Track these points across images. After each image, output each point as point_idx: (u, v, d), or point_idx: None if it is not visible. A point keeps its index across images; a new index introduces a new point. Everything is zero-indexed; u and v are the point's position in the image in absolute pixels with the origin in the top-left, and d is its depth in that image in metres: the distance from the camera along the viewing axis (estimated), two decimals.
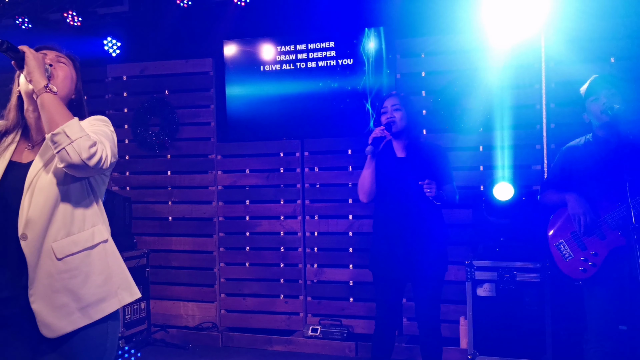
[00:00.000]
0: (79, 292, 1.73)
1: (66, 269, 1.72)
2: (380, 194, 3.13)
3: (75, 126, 1.67)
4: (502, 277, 3.58)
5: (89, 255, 1.78)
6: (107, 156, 1.74)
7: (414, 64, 4.34)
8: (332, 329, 4.34)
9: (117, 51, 4.88)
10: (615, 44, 3.86)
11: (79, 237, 1.77)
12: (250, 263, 4.73)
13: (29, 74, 1.71)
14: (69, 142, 1.64)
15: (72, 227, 1.76)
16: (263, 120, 4.63)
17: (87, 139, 1.67)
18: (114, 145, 1.83)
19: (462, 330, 3.92)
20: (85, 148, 1.65)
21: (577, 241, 2.83)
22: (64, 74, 1.87)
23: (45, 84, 1.70)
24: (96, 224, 1.84)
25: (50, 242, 1.71)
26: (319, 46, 4.47)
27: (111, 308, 1.81)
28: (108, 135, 1.82)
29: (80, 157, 1.64)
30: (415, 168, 3.03)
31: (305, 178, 4.60)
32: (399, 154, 3.16)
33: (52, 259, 1.70)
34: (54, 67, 1.84)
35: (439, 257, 3.07)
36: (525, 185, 3.99)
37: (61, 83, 1.84)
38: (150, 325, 4.58)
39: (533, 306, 3.52)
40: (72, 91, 1.90)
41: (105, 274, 1.81)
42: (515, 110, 4.06)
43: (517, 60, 4.04)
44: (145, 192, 4.97)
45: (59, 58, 1.89)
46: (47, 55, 1.86)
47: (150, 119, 4.88)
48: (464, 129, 4.15)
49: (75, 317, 1.72)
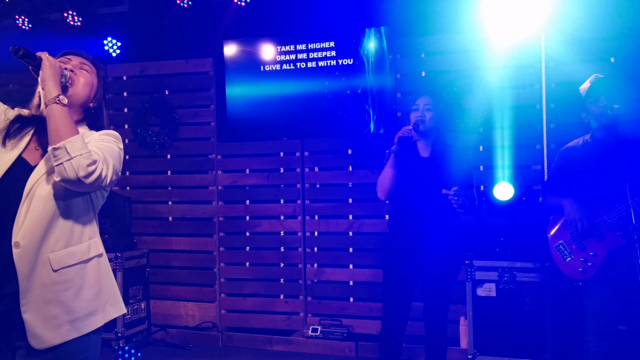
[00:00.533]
0: (71, 305, 1.72)
1: (61, 280, 1.71)
2: (400, 193, 3.09)
3: (77, 143, 1.65)
4: (502, 277, 3.58)
5: (83, 268, 1.77)
6: (107, 175, 1.73)
7: (414, 64, 4.33)
8: (332, 329, 4.34)
9: (117, 51, 4.88)
10: (615, 44, 3.85)
11: (77, 250, 1.76)
12: (250, 263, 4.73)
13: (42, 81, 1.70)
14: (68, 158, 1.63)
15: (71, 239, 1.75)
16: (263, 120, 4.63)
17: (87, 157, 1.65)
18: (118, 163, 1.82)
19: (462, 330, 3.92)
20: (83, 166, 1.64)
21: (577, 242, 2.83)
22: (85, 81, 1.86)
23: (56, 95, 1.69)
24: (93, 237, 1.83)
25: (47, 253, 1.69)
26: (319, 46, 4.47)
27: (98, 323, 1.80)
28: (114, 153, 1.81)
29: (77, 174, 1.63)
30: (438, 169, 3.01)
31: (306, 178, 4.60)
32: (423, 153, 3.13)
33: (47, 269, 1.68)
34: (75, 73, 1.84)
35: (454, 260, 3.08)
36: (526, 185, 3.99)
37: (80, 89, 1.84)
38: (150, 325, 4.58)
39: (533, 306, 3.52)
40: (90, 98, 1.89)
41: (96, 288, 1.80)
42: (516, 110, 4.06)
43: (517, 60, 4.04)
44: (146, 192, 4.97)
45: (82, 65, 1.89)
46: (70, 61, 1.87)
47: (151, 119, 4.88)
48: (464, 129, 4.15)
49: (64, 329, 1.70)
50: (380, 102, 4.34)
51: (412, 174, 3.06)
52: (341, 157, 4.51)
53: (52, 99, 1.68)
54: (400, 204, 3.13)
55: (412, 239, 3.04)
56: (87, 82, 1.86)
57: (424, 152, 3.14)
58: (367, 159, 4.35)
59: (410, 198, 3.06)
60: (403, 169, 3.06)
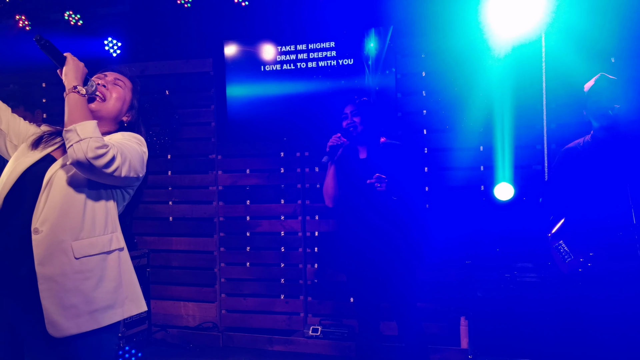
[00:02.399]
0: (90, 295, 1.74)
1: (81, 269, 1.73)
2: (343, 195, 3.23)
3: (89, 127, 1.70)
4: (503, 277, 3.58)
5: (104, 259, 1.79)
6: (122, 167, 1.75)
7: (414, 64, 4.34)
8: (333, 329, 4.34)
9: (117, 51, 4.88)
10: (616, 44, 3.85)
11: (98, 240, 1.79)
12: (250, 263, 4.73)
13: (65, 75, 1.79)
14: (77, 139, 1.66)
15: (93, 230, 1.78)
16: (263, 120, 4.62)
17: (97, 140, 1.68)
18: (138, 163, 1.85)
19: (463, 331, 3.92)
20: (92, 148, 1.66)
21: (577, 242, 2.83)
22: (117, 95, 1.95)
23: (75, 85, 1.77)
24: (115, 232, 1.86)
25: (70, 241, 1.72)
26: (319, 46, 4.47)
27: (117, 317, 1.80)
28: (134, 152, 1.84)
29: (86, 155, 1.65)
30: (375, 168, 3.10)
31: (306, 178, 4.60)
32: (362, 155, 3.27)
33: (69, 257, 1.72)
34: (108, 89, 1.94)
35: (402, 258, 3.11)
36: (526, 185, 3.98)
37: (112, 104, 1.93)
38: (150, 325, 4.58)
39: (533, 306, 3.52)
40: (123, 112, 1.98)
41: (116, 281, 1.82)
42: (516, 110, 4.06)
43: (517, 60, 4.03)
44: (146, 192, 4.96)
45: (116, 80, 1.98)
46: (106, 77, 1.96)
47: (151, 119, 4.88)
48: (464, 129, 4.15)
49: (83, 319, 1.72)
50: (381, 102, 4.33)
51: (351, 176, 3.19)
52: None
53: (71, 88, 1.76)
54: (345, 206, 3.26)
55: (360, 237, 3.14)
56: (119, 96, 1.96)
57: (362, 153, 3.28)
58: None
59: (352, 199, 3.19)
60: (345, 172, 3.21)
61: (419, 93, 4.31)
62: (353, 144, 3.26)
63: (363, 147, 3.28)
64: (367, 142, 3.26)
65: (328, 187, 3.27)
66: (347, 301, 4.47)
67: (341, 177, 3.23)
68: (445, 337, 4.14)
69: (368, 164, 3.18)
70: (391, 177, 3.00)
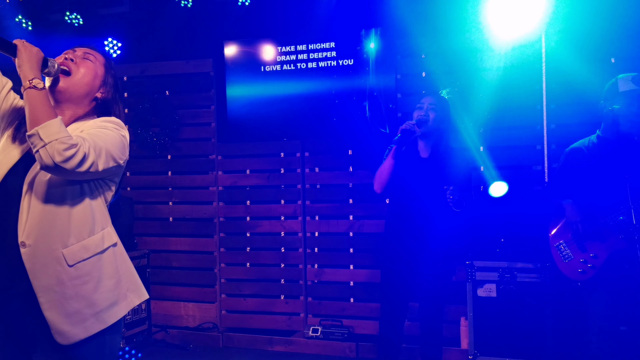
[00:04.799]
0: (92, 298, 1.70)
1: (77, 275, 1.68)
2: (399, 192, 3.10)
3: (52, 127, 1.55)
4: (503, 277, 3.58)
5: (99, 259, 1.74)
6: (97, 161, 1.62)
7: (414, 64, 4.33)
8: (333, 330, 4.34)
9: (117, 52, 4.88)
10: (616, 44, 3.85)
11: (90, 242, 1.71)
12: (250, 263, 4.73)
13: (18, 67, 1.64)
14: (42, 144, 1.53)
15: (83, 232, 1.70)
16: (263, 120, 4.62)
17: (63, 141, 1.54)
18: (116, 149, 1.71)
19: (463, 331, 3.92)
20: (59, 151, 1.53)
21: (577, 243, 2.83)
22: (86, 70, 1.80)
23: (30, 78, 1.61)
24: (105, 227, 1.78)
25: (60, 249, 1.65)
26: (319, 47, 4.47)
27: (122, 312, 1.78)
28: (111, 139, 1.71)
29: (54, 160, 1.53)
30: (436, 170, 3.01)
31: (306, 178, 4.59)
32: (423, 154, 3.14)
33: (63, 265, 1.65)
34: (76, 63, 1.79)
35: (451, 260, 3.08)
36: (526, 185, 3.98)
37: (79, 78, 1.78)
38: (150, 325, 4.58)
39: (534, 307, 3.52)
40: (94, 88, 1.81)
41: (115, 277, 1.77)
42: (516, 110, 4.06)
43: (517, 61, 4.03)
44: (146, 193, 4.97)
45: (86, 54, 1.82)
46: (75, 52, 1.81)
47: (151, 119, 4.88)
48: (464, 129, 4.15)
49: (89, 323, 1.69)
50: (381, 102, 4.33)
51: (411, 174, 3.06)
52: (341, 157, 4.51)
53: (27, 83, 1.60)
54: (399, 204, 3.14)
55: (410, 238, 3.04)
56: (88, 71, 1.80)
57: (424, 152, 3.15)
58: (368, 160, 4.34)
59: (409, 198, 3.07)
60: (402, 168, 3.07)
61: (419, 93, 4.29)
62: (419, 138, 3.12)
63: (426, 145, 3.14)
64: (432, 141, 3.12)
65: (384, 172, 3.05)
66: (347, 302, 4.47)
67: (397, 170, 3.06)
68: (445, 337, 4.13)
69: (430, 165, 3.06)
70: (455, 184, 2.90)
